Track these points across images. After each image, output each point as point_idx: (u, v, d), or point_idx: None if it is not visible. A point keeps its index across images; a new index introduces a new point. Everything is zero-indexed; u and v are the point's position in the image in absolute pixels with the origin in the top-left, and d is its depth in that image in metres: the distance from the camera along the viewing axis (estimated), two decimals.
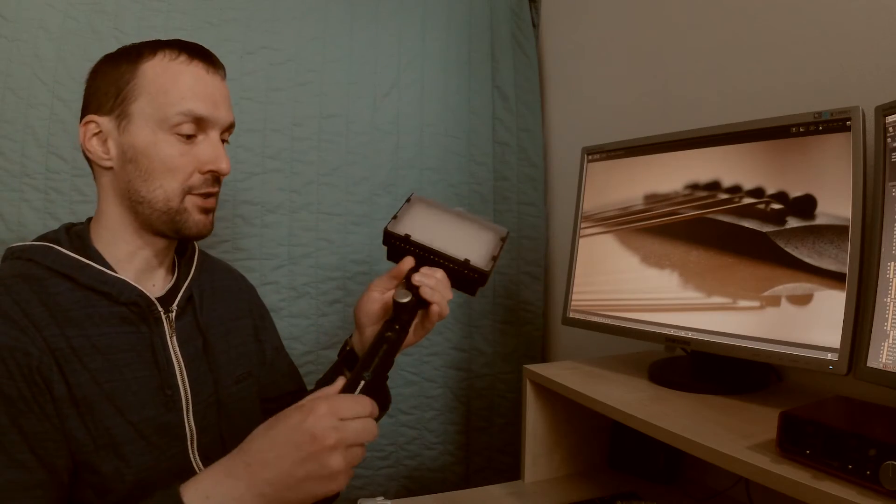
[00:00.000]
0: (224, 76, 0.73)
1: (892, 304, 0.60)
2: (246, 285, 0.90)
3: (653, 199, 0.93)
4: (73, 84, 1.05)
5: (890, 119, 0.63)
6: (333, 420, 0.54)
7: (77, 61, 1.05)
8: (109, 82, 0.67)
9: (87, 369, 0.61)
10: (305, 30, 1.25)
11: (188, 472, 0.67)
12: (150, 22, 1.11)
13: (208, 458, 0.69)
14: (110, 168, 0.68)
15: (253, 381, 0.81)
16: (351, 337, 0.85)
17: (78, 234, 0.68)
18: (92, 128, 0.67)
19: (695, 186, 0.87)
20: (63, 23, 1.05)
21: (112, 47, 1.09)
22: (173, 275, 0.76)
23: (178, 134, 0.67)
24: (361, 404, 0.57)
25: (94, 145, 0.67)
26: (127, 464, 0.61)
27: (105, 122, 0.67)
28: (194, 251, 0.80)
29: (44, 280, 0.62)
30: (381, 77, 1.32)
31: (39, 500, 0.56)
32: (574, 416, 1.02)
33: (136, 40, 0.75)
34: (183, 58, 0.68)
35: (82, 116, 0.69)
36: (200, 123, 0.68)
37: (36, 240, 0.67)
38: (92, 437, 0.60)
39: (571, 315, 1.04)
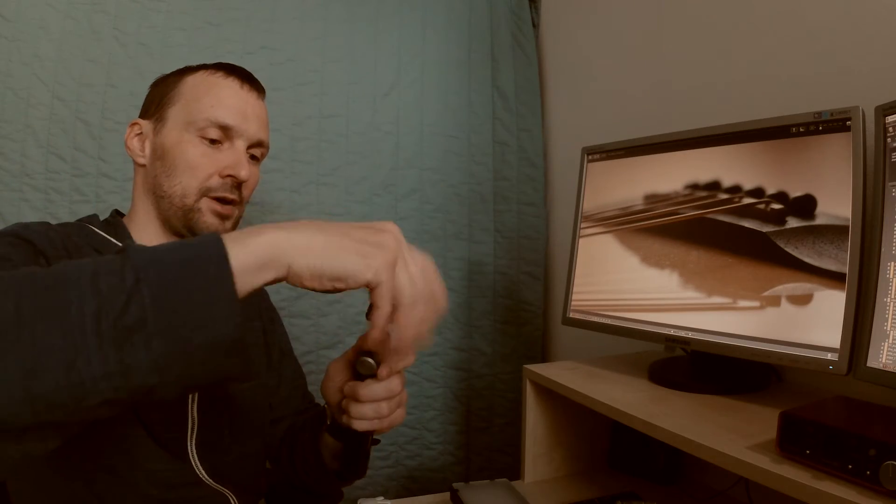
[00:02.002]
0: (260, 96, 0.78)
1: (892, 304, 0.60)
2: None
3: (653, 199, 0.93)
4: (73, 84, 1.05)
5: (890, 119, 0.63)
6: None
7: (77, 61, 1.06)
8: (157, 93, 0.76)
9: None
10: (305, 30, 1.25)
11: (182, 463, 0.67)
12: (150, 22, 1.11)
13: (204, 454, 0.69)
14: (143, 165, 0.75)
15: (260, 383, 0.81)
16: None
17: (110, 222, 0.74)
18: (135, 129, 0.75)
19: (695, 186, 0.87)
20: (63, 23, 1.05)
21: (112, 47, 1.10)
22: None
23: (203, 137, 0.72)
24: None
25: (134, 143, 0.75)
26: (114, 445, 0.62)
27: (146, 124, 0.75)
28: None
29: (80, 248, 0.66)
30: (381, 77, 1.32)
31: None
32: (574, 416, 1.02)
33: (136, 40, 0.76)
34: (221, 74, 0.75)
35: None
36: (227, 132, 0.73)
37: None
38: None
39: (571, 315, 1.04)
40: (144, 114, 0.76)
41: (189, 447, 0.68)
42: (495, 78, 1.44)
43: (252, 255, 0.41)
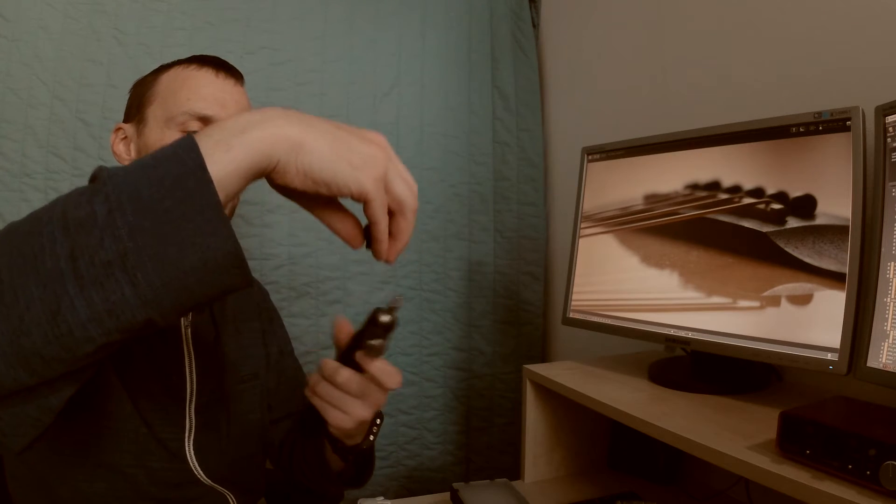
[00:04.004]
0: (238, 82, 0.76)
1: (892, 304, 0.60)
2: (259, 288, 0.91)
3: (653, 199, 0.93)
4: (73, 84, 1.05)
5: (890, 119, 0.63)
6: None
7: (77, 61, 1.06)
8: (136, 95, 0.75)
9: None
10: (305, 30, 1.25)
11: (181, 463, 0.67)
12: (150, 22, 1.11)
13: (202, 454, 0.69)
14: None
15: (258, 384, 0.81)
16: None
17: None
18: (120, 134, 0.74)
19: (695, 186, 0.87)
20: (63, 23, 1.05)
21: (112, 47, 1.09)
22: None
23: (185, 132, 0.69)
24: None
25: (120, 148, 0.74)
26: (118, 442, 0.62)
27: (129, 128, 0.74)
28: None
29: None
30: (381, 77, 1.32)
31: None
32: (574, 416, 1.02)
33: (136, 40, 0.76)
34: (194, 66, 0.73)
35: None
36: (207, 122, 0.71)
37: None
38: (96, 414, 0.61)
39: (571, 315, 1.04)
40: (127, 117, 0.75)
41: (187, 448, 0.68)
42: (495, 78, 1.44)
43: (238, 158, 0.37)
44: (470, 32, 1.43)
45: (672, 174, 0.90)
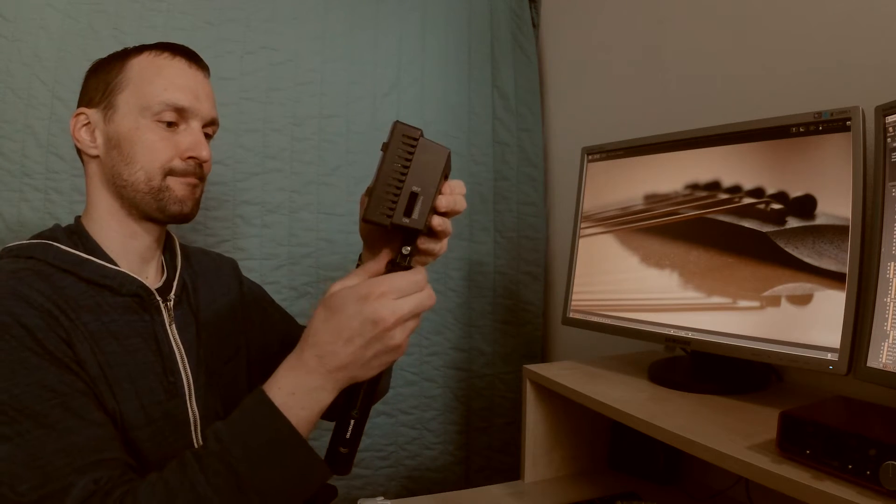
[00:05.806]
0: (207, 75, 0.76)
1: (892, 304, 0.60)
2: (227, 261, 0.91)
3: (653, 199, 0.93)
4: (73, 84, 1.05)
5: (890, 119, 0.63)
6: (390, 301, 0.55)
7: (77, 61, 1.05)
8: (100, 79, 0.72)
9: (109, 351, 0.63)
10: (305, 30, 1.25)
11: None
12: (150, 22, 1.11)
13: None
14: (96, 156, 0.71)
15: (242, 356, 0.82)
16: (361, 256, 0.77)
17: (73, 231, 0.70)
18: (82, 119, 0.71)
19: (695, 186, 0.87)
20: (63, 23, 1.05)
21: (112, 47, 1.09)
22: (163, 269, 0.78)
23: (160, 121, 0.70)
24: (412, 279, 0.57)
25: (83, 135, 0.71)
26: (132, 448, 0.62)
27: (93, 113, 0.71)
28: (175, 244, 0.82)
29: (50, 275, 0.63)
30: (381, 77, 1.32)
31: (119, 451, 0.58)
32: (574, 416, 1.02)
33: (136, 40, 0.76)
34: (167, 54, 0.72)
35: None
36: (182, 113, 0.71)
37: (32, 238, 0.68)
38: (112, 420, 0.61)
39: (571, 315, 1.04)
40: (88, 102, 0.72)
41: (195, 441, 0.69)
42: (495, 78, 1.44)
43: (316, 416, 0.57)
44: (470, 32, 1.43)
45: (672, 174, 0.90)
